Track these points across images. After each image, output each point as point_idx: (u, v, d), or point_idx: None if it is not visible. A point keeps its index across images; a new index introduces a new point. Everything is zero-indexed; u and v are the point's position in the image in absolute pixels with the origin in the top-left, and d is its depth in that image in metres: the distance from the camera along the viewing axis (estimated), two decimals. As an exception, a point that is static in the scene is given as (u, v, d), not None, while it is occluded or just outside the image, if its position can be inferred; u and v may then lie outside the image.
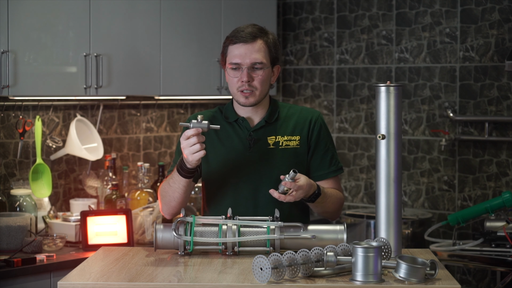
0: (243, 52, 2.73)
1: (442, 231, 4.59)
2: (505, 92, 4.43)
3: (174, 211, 2.75)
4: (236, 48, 2.74)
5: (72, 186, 4.23)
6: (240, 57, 2.73)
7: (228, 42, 2.77)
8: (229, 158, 2.78)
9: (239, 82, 2.73)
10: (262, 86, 2.75)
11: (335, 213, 2.83)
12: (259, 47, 2.74)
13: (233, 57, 2.74)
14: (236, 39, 2.74)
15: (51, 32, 3.77)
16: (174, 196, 2.69)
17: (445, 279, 2.28)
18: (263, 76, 2.74)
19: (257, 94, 2.75)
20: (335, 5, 4.97)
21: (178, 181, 2.66)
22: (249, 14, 4.71)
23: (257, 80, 2.74)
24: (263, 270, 2.18)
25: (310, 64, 5.08)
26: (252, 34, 2.74)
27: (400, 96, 2.48)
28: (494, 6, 4.44)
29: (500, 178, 4.45)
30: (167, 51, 4.25)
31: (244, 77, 2.72)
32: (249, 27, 2.77)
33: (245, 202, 2.76)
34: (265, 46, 2.75)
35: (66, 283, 2.24)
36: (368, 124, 4.88)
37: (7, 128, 3.96)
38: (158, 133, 4.67)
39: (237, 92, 2.76)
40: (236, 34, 2.75)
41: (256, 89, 2.74)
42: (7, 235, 3.57)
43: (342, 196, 2.83)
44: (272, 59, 2.78)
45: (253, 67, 2.73)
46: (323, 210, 2.77)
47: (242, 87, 2.73)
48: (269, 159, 2.76)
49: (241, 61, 2.73)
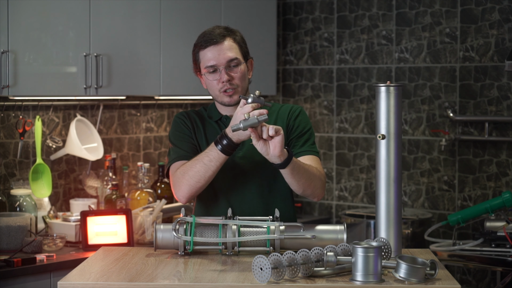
0: (216, 53, 2.75)
1: (442, 231, 4.59)
2: (505, 92, 4.43)
3: (197, 192, 2.71)
4: (208, 51, 2.76)
5: (72, 186, 4.23)
6: (214, 58, 2.75)
7: (198, 49, 2.80)
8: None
9: (220, 84, 2.76)
10: (242, 82, 2.79)
11: (316, 190, 2.72)
12: (230, 45, 2.78)
13: (207, 60, 2.76)
14: (206, 42, 2.77)
15: (51, 32, 3.77)
16: (207, 175, 2.65)
17: (445, 279, 2.28)
18: (241, 72, 2.78)
19: (239, 91, 2.78)
20: (335, 5, 4.97)
21: (216, 158, 2.63)
22: (249, 14, 4.71)
23: (237, 77, 2.77)
24: (263, 270, 2.18)
25: (310, 64, 5.08)
26: (220, 35, 2.77)
27: (400, 96, 2.48)
28: (494, 6, 4.44)
29: (500, 178, 4.45)
30: (167, 51, 4.25)
31: (224, 77, 2.75)
32: (215, 29, 2.80)
33: (232, 198, 2.78)
34: (235, 43, 2.79)
35: (66, 283, 2.24)
36: (368, 124, 4.88)
37: (7, 128, 3.96)
38: (158, 133, 4.67)
39: (220, 94, 2.78)
40: (204, 38, 2.78)
41: (238, 86, 2.78)
42: (7, 235, 3.57)
43: (320, 172, 2.75)
44: (244, 54, 2.81)
45: (229, 65, 2.76)
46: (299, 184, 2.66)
47: (224, 87, 2.76)
48: (252, 155, 2.77)
49: (217, 62, 2.75)
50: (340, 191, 5.00)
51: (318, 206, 5.10)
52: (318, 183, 2.73)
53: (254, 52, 3.89)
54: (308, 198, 2.78)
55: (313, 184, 2.71)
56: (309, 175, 2.68)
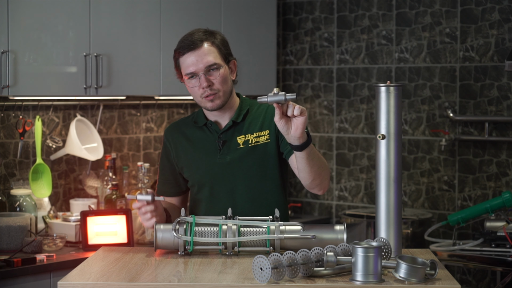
0: (194, 60, 2.73)
1: (442, 231, 4.59)
2: (505, 92, 4.43)
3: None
4: (186, 58, 2.75)
5: (72, 186, 4.23)
6: (193, 65, 2.73)
7: (177, 55, 2.79)
8: (202, 162, 2.81)
9: (200, 90, 2.74)
10: (223, 85, 2.75)
11: (324, 181, 2.71)
12: (208, 49, 2.74)
13: (186, 67, 2.75)
14: (184, 49, 2.75)
15: (51, 32, 3.77)
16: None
17: (445, 279, 2.28)
18: (221, 76, 2.75)
19: (221, 95, 2.76)
20: (335, 5, 4.97)
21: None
22: (249, 14, 4.71)
23: (217, 82, 2.74)
24: (263, 270, 2.18)
25: (310, 64, 5.08)
26: (198, 39, 2.75)
27: (400, 96, 2.48)
28: (494, 6, 4.44)
29: (500, 178, 4.45)
30: (167, 51, 4.24)
31: (204, 83, 2.73)
32: (194, 33, 2.78)
33: (223, 204, 2.78)
34: (213, 46, 2.76)
35: (66, 283, 2.24)
36: (368, 124, 4.88)
37: (7, 128, 3.96)
38: (158, 133, 4.67)
39: (202, 100, 2.77)
40: (182, 44, 2.77)
41: (219, 91, 2.75)
42: (7, 235, 3.57)
43: (327, 164, 2.73)
44: (224, 56, 2.78)
45: (208, 70, 2.74)
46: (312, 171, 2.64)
47: (205, 93, 2.74)
48: (240, 159, 2.78)
49: (195, 68, 2.74)
50: (340, 191, 5.00)
51: (318, 206, 5.10)
52: (327, 174, 2.71)
53: (254, 52, 3.94)
54: (313, 191, 2.73)
55: (324, 173, 2.68)
56: (322, 164, 2.66)
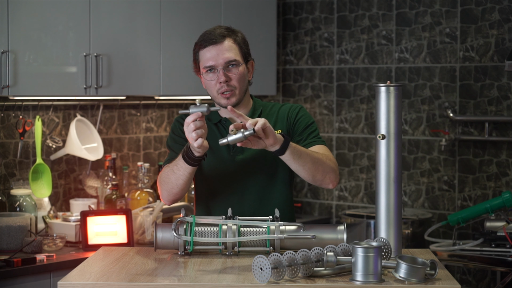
0: (214, 54, 2.74)
1: (442, 231, 4.59)
2: (505, 92, 4.43)
3: (175, 198, 2.73)
4: (207, 51, 2.75)
5: (72, 186, 4.23)
6: (213, 59, 2.74)
7: (198, 48, 2.78)
8: (214, 159, 2.80)
9: (218, 84, 2.74)
10: (240, 83, 2.76)
11: (327, 175, 2.67)
12: (229, 46, 2.76)
13: (206, 60, 2.75)
14: (205, 42, 2.75)
15: (51, 32, 3.77)
16: (178, 183, 2.66)
17: (445, 279, 2.28)
18: (239, 73, 2.76)
19: (237, 93, 2.76)
20: (335, 5, 4.97)
21: (183, 168, 2.63)
22: (249, 14, 4.71)
23: (235, 79, 2.75)
24: (263, 270, 2.18)
25: (310, 64, 5.08)
26: (220, 35, 2.75)
27: (400, 96, 2.48)
28: (494, 6, 4.44)
29: (500, 178, 4.45)
30: (167, 51, 4.25)
31: (222, 78, 2.73)
32: (216, 29, 2.79)
33: (232, 200, 2.78)
34: (235, 44, 2.77)
35: (66, 283, 2.24)
36: (368, 124, 4.88)
37: (7, 128, 3.96)
38: (158, 133, 4.67)
39: (217, 95, 2.77)
40: (204, 38, 2.77)
41: (236, 88, 2.76)
42: (7, 235, 3.57)
43: (328, 157, 2.70)
44: (244, 55, 2.79)
45: (227, 66, 2.74)
46: (306, 169, 2.62)
47: (222, 88, 2.74)
48: (252, 158, 2.78)
49: (215, 62, 2.74)
50: (340, 191, 5.00)
51: (318, 206, 5.10)
52: (327, 167, 2.67)
53: (254, 52, 3.88)
54: (324, 186, 2.71)
55: (322, 168, 2.65)
56: (314, 159, 2.64)
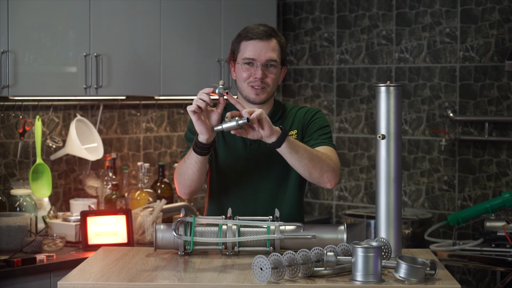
0: (258, 49, 2.75)
1: (442, 231, 4.59)
2: (505, 92, 4.43)
3: (189, 190, 2.72)
4: (251, 44, 2.76)
5: (72, 186, 4.23)
6: (256, 53, 2.75)
7: (241, 39, 2.79)
8: (230, 156, 2.81)
9: (251, 78, 2.75)
10: (273, 84, 2.79)
11: (324, 173, 2.66)
12: (274, 45, 2.78)
13: (247, 52, 2.76)
14: (252, 35, 2.76)
15: (51, 32, 3.77)
16: (188, 173, 2.66)
17: (445, 279, 2.28)
18: (275, 74, 2.78)
19: (268, 91, 2.78)
20: (335, 5, 4.97)
21: (193, 157, 2.63)
22: (249, 14, 4.71)
23: (270, 78, 2.77)
24: (263, 270, 2.18)
25: (310, 64, 5.08)
26: (268, 33, 2.77)
27: (400, 96, 2.48)
28: (494, 6, 4.44)
29: (500, 178, 4.45)
30: (167, 51, 4.24)
31: (259, 74, 2.74)
32: (262, 26, 2.80)
33: (245, 199, 2.78)
34: (279, 45, 2.79)
35: (66, 283, 2.24)
36: (368, 124, 4.88)
37: (7, 128, 3.96)
38: (158, 133, 4.67)
39: (247, 87, 2.77)
40: (250, 31, 2.78)
41: (268, 86, 2.77)
42: (7, 235, 3.57)
43: (329, 157, 2.69)
44: (282, 59, 2.82)
45: (267, 64, 2.75)
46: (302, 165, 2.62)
47: (254, 82, 2.75)
48: (268, 155, 2.77)
49: (257, 57, 2.75)
50: (340, 191, 5.00)
51: (318, 206, 5.10)
52: (326, 166, 2.66)
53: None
54: (322, 185, 2.70)
55: (320, 166, 2.64)
56: (312, 156, 2.63)
